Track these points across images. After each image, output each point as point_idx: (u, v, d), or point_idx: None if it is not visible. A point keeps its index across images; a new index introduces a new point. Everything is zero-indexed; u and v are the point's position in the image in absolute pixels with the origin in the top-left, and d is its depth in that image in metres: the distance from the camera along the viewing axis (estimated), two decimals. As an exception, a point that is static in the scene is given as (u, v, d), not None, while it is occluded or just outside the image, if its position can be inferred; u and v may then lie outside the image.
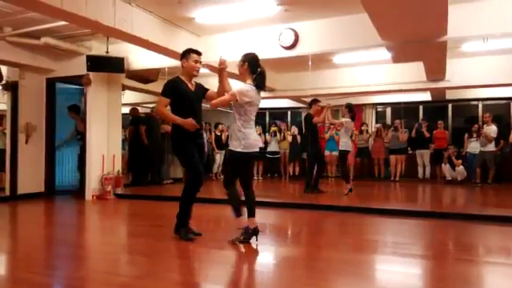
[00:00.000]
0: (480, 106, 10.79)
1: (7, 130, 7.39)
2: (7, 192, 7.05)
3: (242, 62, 3.71)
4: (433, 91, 9.59)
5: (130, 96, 8.93)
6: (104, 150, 7.20)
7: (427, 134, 9.86)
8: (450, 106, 11.14)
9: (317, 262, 3.39)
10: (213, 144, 10.26)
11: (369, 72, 8.79)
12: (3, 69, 7.06)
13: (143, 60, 7.33)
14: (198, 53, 3.95)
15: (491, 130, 8.82)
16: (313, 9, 5.59)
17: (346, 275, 3.00)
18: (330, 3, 5.40)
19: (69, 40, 6.63)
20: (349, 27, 5.78)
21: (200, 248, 3.67)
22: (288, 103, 11.91)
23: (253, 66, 3.67)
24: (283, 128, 10.82)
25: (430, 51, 6.09)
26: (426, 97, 10.35)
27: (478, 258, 3.67)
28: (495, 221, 4.96)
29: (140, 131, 8.61)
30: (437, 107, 11.39)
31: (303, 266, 3.31)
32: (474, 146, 9.19)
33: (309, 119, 7.21)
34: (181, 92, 3.85)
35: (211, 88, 4.09)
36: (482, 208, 6.26)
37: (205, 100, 4.06)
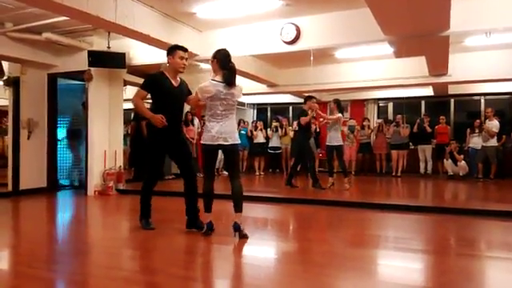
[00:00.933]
0: (482, 100, 10.75)
1: (9, 126, 7.39)
2: (10, 187, 7.07)
3: (212, 59, 3.80)
4: (435, 86, 9.54)
5: (131, 91, 8.90)
6: (106, 146, 7.20)
7: (429, 129, 9.84)
8: (452, 100, 11.09)
9: (317, 256, 3.39)
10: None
11: (371, 67, 8.76)
12: (5, 64, 7.04)
13: (145, 55, 7.32)
14: (184, 49, 3.99)
15: (493, 124, 8.77)
16: (314, 3, 5.55)
17: (347, 270, 3.00)
18: (331, -3, 5.37)
19: (70, 35, 6.61)
20: (351, 22, 5.74)
21: (202, 243, 3.68)
22: (290, 98, 11.86)
23: (222, 62, 3.74)
24: (285, 123, 10.79)
25: (432, 46, 6.06)
26: (428, 92, 10.29)
27: (480, 253, 3.68)
28: (497, 216, 4.96)
29: (142, 127, 8.60)
30: (439, 102, 11.33)
31: (303, 260, 3.31)
32: (476, 141, 9.15)
33: (302, 116, 7.24)
34: (163, 88, 3.90)
35: None
36: (483, 203, 6.26)
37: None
